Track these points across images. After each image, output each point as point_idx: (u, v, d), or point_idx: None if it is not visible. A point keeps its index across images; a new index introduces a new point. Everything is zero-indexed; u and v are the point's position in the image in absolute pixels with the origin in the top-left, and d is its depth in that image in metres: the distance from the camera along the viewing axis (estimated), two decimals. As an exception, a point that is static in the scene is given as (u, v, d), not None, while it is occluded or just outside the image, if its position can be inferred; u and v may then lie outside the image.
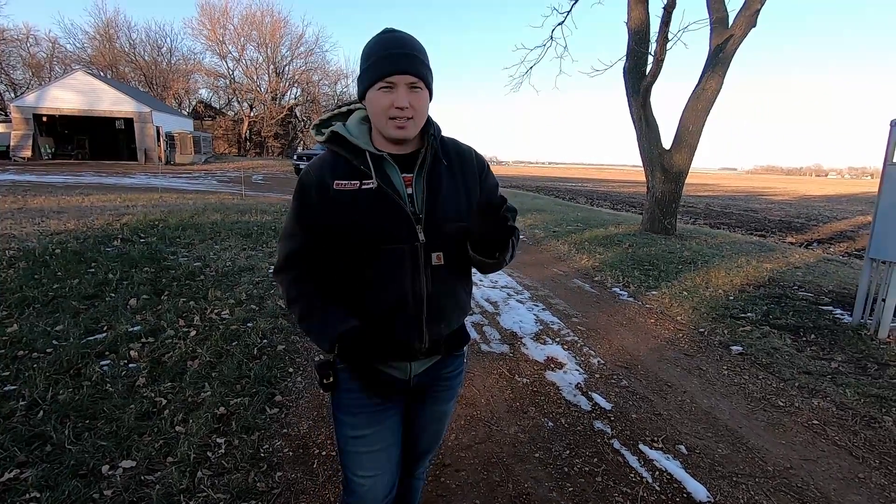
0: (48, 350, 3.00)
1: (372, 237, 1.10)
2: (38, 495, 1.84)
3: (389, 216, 1.10)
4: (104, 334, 3.32)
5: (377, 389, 1.16)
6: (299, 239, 1.17)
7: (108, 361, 2.96)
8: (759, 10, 7.90)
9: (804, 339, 3.98)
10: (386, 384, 1.18)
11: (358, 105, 1.21)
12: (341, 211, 1.10)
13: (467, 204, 1.18)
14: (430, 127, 1.16)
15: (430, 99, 1.14)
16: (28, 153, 24.02)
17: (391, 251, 1.11)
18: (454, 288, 1.21)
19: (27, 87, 33.81)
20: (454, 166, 1.20)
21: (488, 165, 1.28)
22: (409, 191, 1.13)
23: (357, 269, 1.13)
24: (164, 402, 2.58)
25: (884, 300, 3.92)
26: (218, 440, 2.30)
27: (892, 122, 3.99)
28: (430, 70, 1.12)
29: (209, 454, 2.20)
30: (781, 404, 2.94)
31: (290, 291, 1.18)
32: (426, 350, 1.19)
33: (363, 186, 1.10)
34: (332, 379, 1.17)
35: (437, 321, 1.18)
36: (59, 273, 4.40)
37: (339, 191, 1.11)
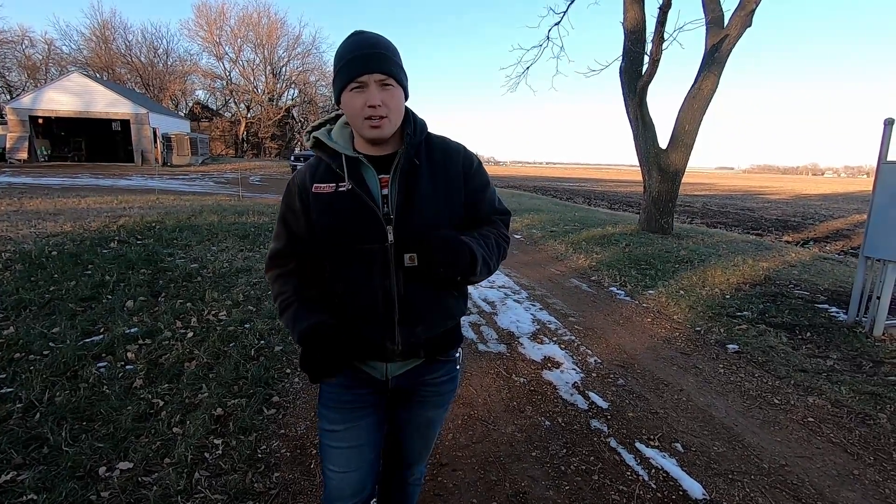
0: (45, 352, 3.00)
1: (345, 238, 1.13)
2: (35, 497, 1.84)
3: (360, 217, 1.12)
4: (101, 336, 3.32)
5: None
6: (283, 239, 1.23)
7: (105, 363, 2.96)
8: (753, 10, 7.93)
9: (800, 337, 4.00)
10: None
11: None
12: (319, 213, 1.15)
13: (448, 204, 1.17)
14: (407, 126, 1.15)
15: (406, 97, 1.15)
16: (24, 155, 23.94)
17: (363, 252, 1.13)
18: (433, 290, 1.17)
19: (23, 89, 33.72)
20: (437, 166, 1.18)
21: (479, 163, 1.24)
22: (385, 192, 1.14)
23: (337, 268, 1.16)
24: (162, 403, 2.58)
25: (878, 298, 3.94)
26: (215, 441, 2.31)
27: (885, 120, 4.02)
28: (400, 68, 1.12)
29: (206, 455, 2.20)
30: (777, 402, 2.96)
31: (273, 287, 1.25)
32: (401, 352, 1.18)
33: (339, 189, 1.14)
34: None
35: (412, 323, 1.16)
36: (56, 275, 4.39)
37: (317, 194, 1.15)
